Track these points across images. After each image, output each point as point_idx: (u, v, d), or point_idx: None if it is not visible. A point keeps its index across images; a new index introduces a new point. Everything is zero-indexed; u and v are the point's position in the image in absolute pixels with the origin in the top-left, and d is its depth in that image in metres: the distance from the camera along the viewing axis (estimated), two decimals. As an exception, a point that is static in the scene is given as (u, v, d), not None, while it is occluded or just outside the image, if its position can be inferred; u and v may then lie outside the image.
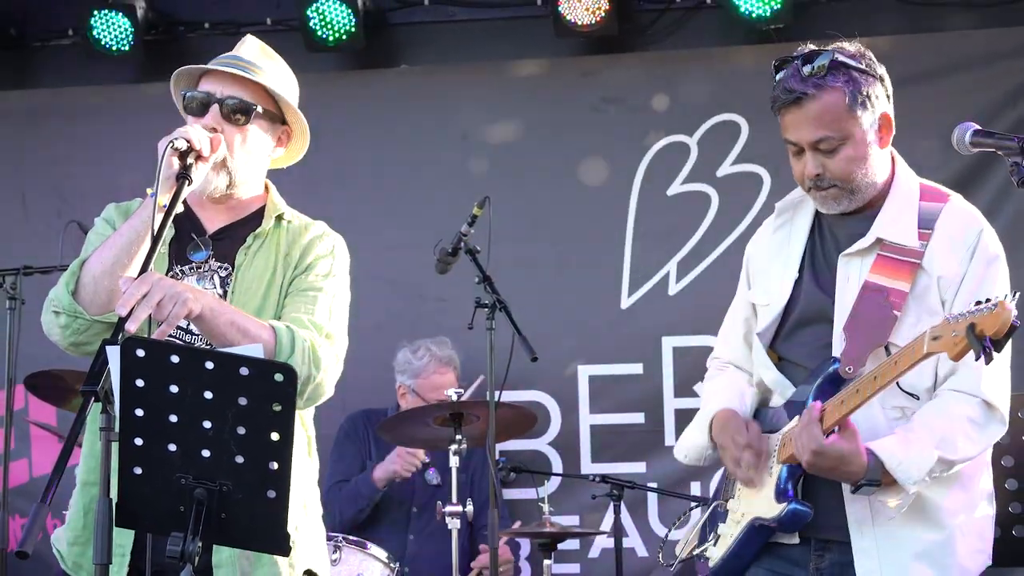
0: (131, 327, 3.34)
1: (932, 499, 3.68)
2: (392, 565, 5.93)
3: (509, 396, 6.11)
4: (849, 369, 3.64)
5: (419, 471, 6.82)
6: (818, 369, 3.73)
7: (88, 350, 3.73)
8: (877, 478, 3.58)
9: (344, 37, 7.41)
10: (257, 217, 3.98)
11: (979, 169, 6.93)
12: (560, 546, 6.48)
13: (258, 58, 4.00)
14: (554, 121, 7.48)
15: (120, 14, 7.46)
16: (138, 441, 3.20)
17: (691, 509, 5.87)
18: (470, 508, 6.12)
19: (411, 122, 7.59)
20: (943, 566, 3.68)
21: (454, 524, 6.09)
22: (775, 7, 7.18)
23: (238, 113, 3.88)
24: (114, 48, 7.51)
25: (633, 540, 7.15)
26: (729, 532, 3.87)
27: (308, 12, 7.37)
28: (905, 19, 7.41)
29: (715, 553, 3.91)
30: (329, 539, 5.58)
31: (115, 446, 3.21)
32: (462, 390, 6.42)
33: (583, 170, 7.39)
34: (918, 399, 3.69)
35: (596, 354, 7.33)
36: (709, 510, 4.07)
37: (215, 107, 3.87)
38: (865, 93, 3.77)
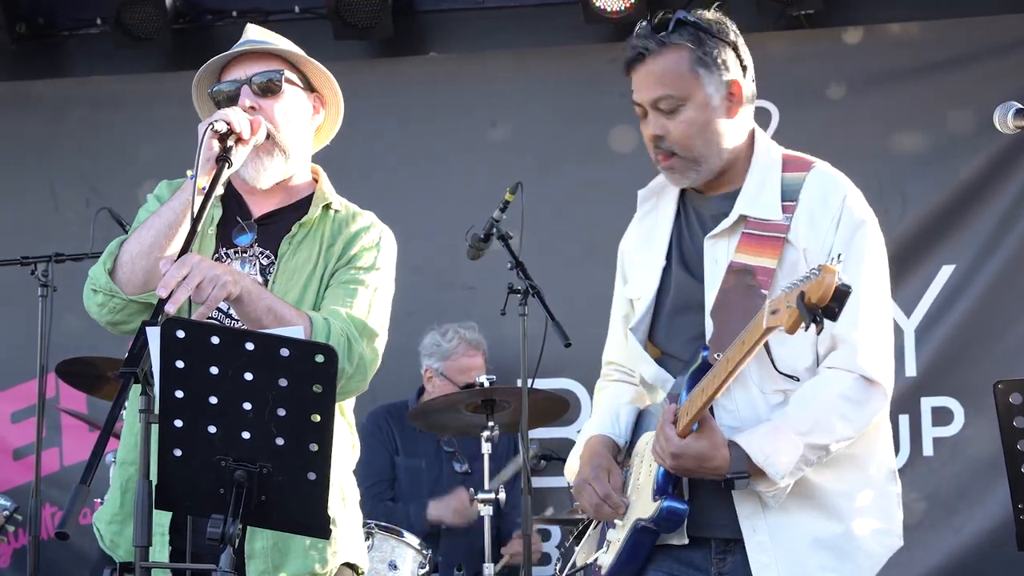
0: (170, 309, 3.33)
1: (822, 484, 3.53)
2: (424, 552, 5.93)
3: (539, 383, 6.10)
4: (717, 356, 3.43)
5: (446, 459, 6.82)
6: (691, 359, 3.57)
7: (124, 329, 3.75)
8: (743, 469, 3.43)
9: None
10: (305, 204, 3.93)
11: (1013, 153, 6.91)
12: (591, 533, 6.47)
13: (264, 36, 3.99)
14: (584, 108, 7.45)
15: (149, 3, 7.45)
16: (178, 423, 3.18)
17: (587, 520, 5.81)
18: (503, 495, 6.11)
19: (440, 109, 7.58)
20: (843, 552, 3.53)
21: (486, 511, 6.08)
22: (806, -8, 7.17)
23: (269, 86, 3.86)
24: (141, 36, 7.52)
25: (663, 528, 7.13)
26: (617, 537, 3.70)
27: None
28: (935, 4, 7.37)
29: (606, 560, 3.74)
30: (363, 525, 5.60)
31: (154, 428, 3.20)
32: (493, 376, 6.40)
33: (613, 156, 7.36)
34: (799, 380, 3.54)
35: (627, 342, 7.29)
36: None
37: (246, 88, 3.84)
38: (712, 55, 3.59)
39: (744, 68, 3.67)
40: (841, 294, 3.06)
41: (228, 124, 3.63)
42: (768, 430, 3.48)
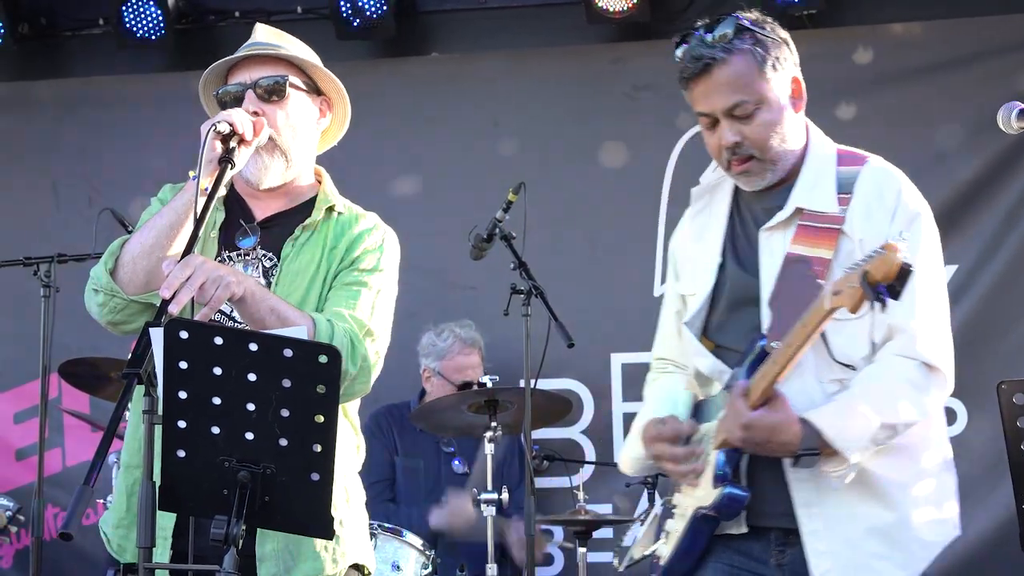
0: (174, 310, 3.32)
1: (879, 473, 3.54)
2: (428, 552, 5.92)
3: (541, 384, 6.09)
4: (775, 344, 3.46)
5: (445, 459, 6.81)
6: (748, 349, 3.58)
7: (125, 328, 3.76)
8: (814, 445, 3.44)
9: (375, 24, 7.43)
10: (308, 206, 3.94)
11: (1015, 153, 6.90)
12: (594, 534, 6.47)
13: (273, 39, 3.99)
14: (586, 108, 7.45)
15: (151, 3, 7.46)
16: (182, 424, 3.19)
17: (645, 512, 5.80)
18: (505, 496, 6.10)
19: (443, 110, 7.58)
20: (897, 541, 3.54)
21: (489, 511, 6.07)
22: (808, -7, 7.16)
23: (274, 91, 3.86)
24: (144, 37, 7.52)
25: (667, 528, 7.13)
26: (676, 527, 3.72)
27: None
28: (938, 4, 7.37)
29: (665, 551, 3.76)
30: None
31: (158, 429, 3.20)
32: (497, 376, 6.40)
33: (616, 157, 7.37)
34: (855, 370, 3.55)
35: (629, 342, 7.28)
36: (660, 508, 3.91)
37: (250, 92, 3.85)
38: (774, 56, 3.63)
39: (796, 63, 3.71)
40: (904, 272, 3.11)
41: (231, 125, 3.62)
42: (837, 407, 3.49)
